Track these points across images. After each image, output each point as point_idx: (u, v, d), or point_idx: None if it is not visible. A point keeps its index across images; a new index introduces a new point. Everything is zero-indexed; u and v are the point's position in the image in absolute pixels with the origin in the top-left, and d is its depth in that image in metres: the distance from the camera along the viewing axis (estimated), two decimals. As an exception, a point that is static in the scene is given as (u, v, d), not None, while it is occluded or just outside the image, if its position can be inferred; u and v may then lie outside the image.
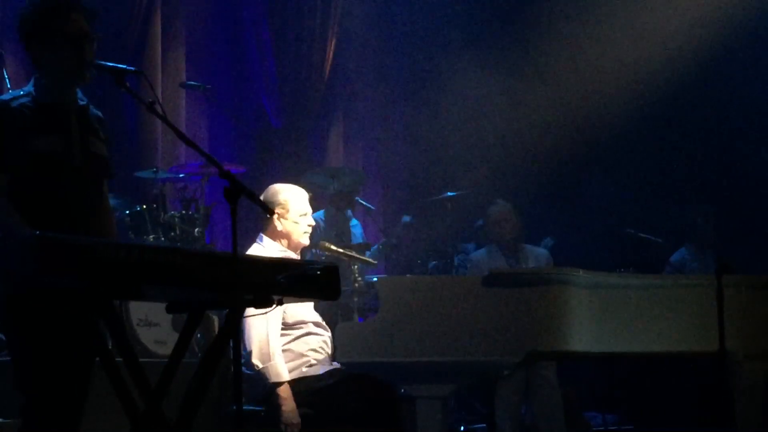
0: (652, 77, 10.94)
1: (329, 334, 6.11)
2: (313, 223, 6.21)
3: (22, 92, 4.42)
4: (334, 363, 6.00)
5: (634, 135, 11.15)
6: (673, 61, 10.80)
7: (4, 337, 4.50)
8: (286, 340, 5.86)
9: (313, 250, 7.69)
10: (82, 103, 4.50)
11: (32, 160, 4.28)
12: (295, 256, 5.99)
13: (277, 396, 5.66)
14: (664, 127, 11.12)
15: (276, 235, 6.01)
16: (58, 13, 4.36)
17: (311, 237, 6.21)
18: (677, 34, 10.82)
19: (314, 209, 7.36)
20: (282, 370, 5.69)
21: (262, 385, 5.70)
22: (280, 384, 5.68)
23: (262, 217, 6.02)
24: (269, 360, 5.67)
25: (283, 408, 5.64)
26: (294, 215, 6.01)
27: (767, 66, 10.86)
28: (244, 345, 5.64)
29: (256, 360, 5.67)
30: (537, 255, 8.20)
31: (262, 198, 5.56)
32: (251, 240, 6.11)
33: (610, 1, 11.13)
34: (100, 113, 4.61)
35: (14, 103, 4.34)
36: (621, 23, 11.12)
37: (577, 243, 9.76)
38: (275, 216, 5.93)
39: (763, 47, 10.86)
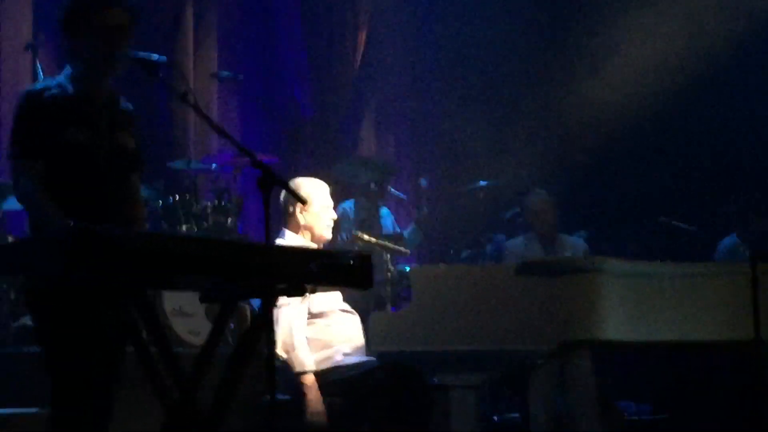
0: (689, 66, 10.87)
1: (359, 321, 6.10)
2: (335, 217, 6.20)
3: (53, 82, 4.45)
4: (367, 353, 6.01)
5: (669, 125, 11.09)
6: (711, 47, 10.72)
7: (31, 327, 4.52)
8: (313, 330, 5.86)
9: (341, 238, 7.67)
10: (113, 96, 4.52)
11: (61, 151, 4.31)
12: (319, 249, 6.00)
13: (301, 385, 5.67)
14: (697, 118, 11.05)
15: (298, 229, 6.02)
16: (100, 6, 4.38)
17: (339, 227, 6.21)
18: (713, 24, 10.75)
19: (344, 199, 7.37)
20: (306, 360, 5.70)
21: (289, 375, 5.71)
22: (304, 373, 5.68)
23: (283, 212, 6.03)
24: (293, 350, 5.69)
25: (308, 397, 5.65)
26: (317, 208, 6.02)
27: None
28: (270, 335, 5.65)
29: (280, 350, 5.69)
30: (574, 244, 8.16)
31: (285, 192, 5.56)
32: (278, 233, 6.11)
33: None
34: (131, 106, 4.63)
35: (46, 93, 4.37)
36: (663, 17, 11.06)
37: (611, 233, 9.72)
38: (298, 209, 5.94)
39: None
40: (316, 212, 6.02)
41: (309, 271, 4.22)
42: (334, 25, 11.05)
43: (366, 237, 7.25)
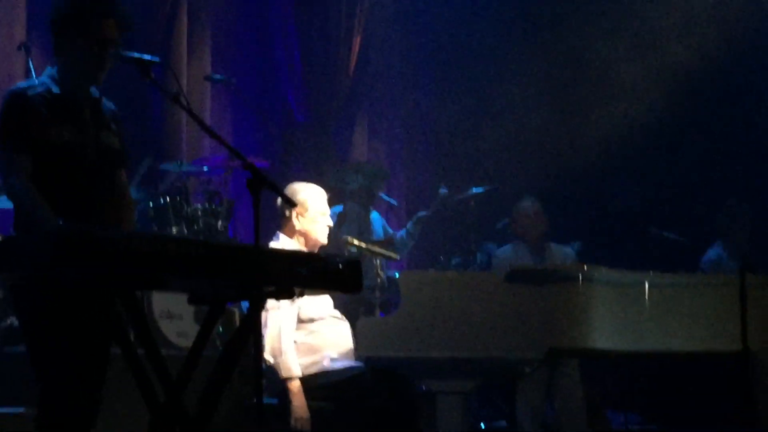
0: (681, 78, 10.89)
1: (349, 328, 6.10)
2: (332, 223, 6.21)
3: (37, 82, 4.47)
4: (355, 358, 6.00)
5: (661, 136, 11.10)
6: (700, 60, 10.74)
7: (19, 326, 4.51)
8: (303, 334, 5.86)
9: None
10: (95, 96, 4.53)
11: (47, 149, 4.32)
12: (312, 255, 5.99)
13: (287, 390, 5.67)
14: (690, 127, 11.07)
15: (293, 233, 6.02)
16: (94, 15, 4.39)
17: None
18: (702, 34, 10.77)
19: (334, 204, 7.37)
20: (292, 365, 5.70)
21: (277, 380, 5.71)
22: (291, 379, 5.68)
23: (279, 215, 6.04)
24: (280, 355, 5.69)
25: (294, 403, 5.65)
26: (313, 214, 6.03)
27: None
28: (258, 339, 5.64)
29: (267, 355, 5.68)
30: (563, 253, 8.16)
31: (281, 196, 5.56)
32: (271, 237, 6.11)
33: (634, 10, 11.10)
34: (114, 106, 4.64)
35: (30, 92, 4.39)
36: (645, 28, 11.08)
37: (603, 244, 9.73)
38: (294, 214, 5.95)
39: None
40: (312, 218, 6.03)
41: (298, 275, 4.22)
42: (329, 31, 11.05)
43: (356, 242, 7.24)
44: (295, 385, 5.69)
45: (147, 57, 4.37)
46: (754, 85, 10.96)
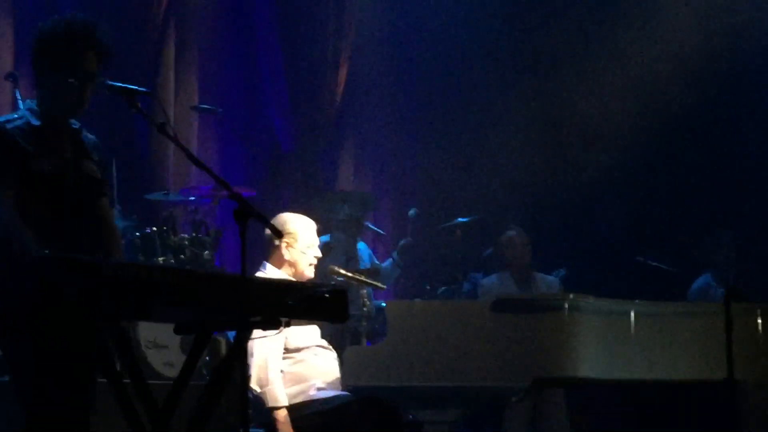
0: (665, 99, 10.92)
1: (336, 357, 6.10)
2: (320, 255, 6.21)
3: (16, 115, 4.48)
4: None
5: (645, 161, 11.13)
6: (685, 83, 10.78)
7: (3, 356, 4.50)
8: (289, 363, 5.86)
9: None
10: (74, 126, 4.53)
11: (29, 181, 4.32)
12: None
13: (274, 420, 5.66)
14: (676, 153, 11.10)
15: (281, 264, 6.02)
16: (75, 47, 4.40)
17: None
18: (690, 53, 10.81)
19: (321, 233, 7.36)
20: (279, 395, 5.69)
21: (264, 409, 5.70)
22: (278, 408, 5.68)
23: (266, 245, 6.04)
24: (267, 384, 5.68)
25: (280, 432, 5.65)
26: (302, 246, 6.04)
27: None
28: (245, 368, 5.64)
29: (254, 385, 5.67)
30: (548, 283, 8.18)
31: (271, 225, 5.56)
32: (258, 267, 6.11)
33: (625, 21, 11.13)
34: (94, 137, 4.65)
35: (9, 126, 4.39)
36: (632, 45, 11.12)
37: (589, 273, 9.74)
38: (283, 244, 5.95)
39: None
40: (300, 249, 6.03)
41: (284, 304, 4.22)
42: (315, 60, 11.08)
43: (342, 271, 7.25)
44: (282, 415, 5.68)
45: (134, 87, 4.38)
46: (738, 114, 11.00)
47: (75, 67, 4.38)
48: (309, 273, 6.08)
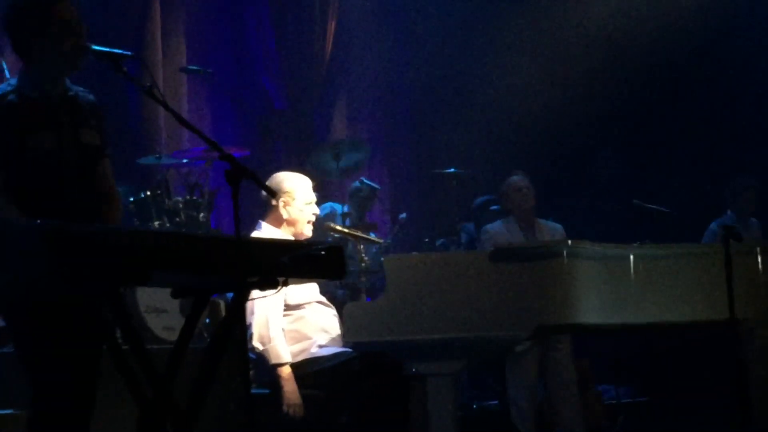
0: (664, 46, 10.88)
1: (335, 314, 6.09)
2: (317, 212, 6.18)
3: (9, 87, 4.38)
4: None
5: (645, 107, 11.11)
6: (684, 28, 10.74)
7: (6, 327, 4.48)
8: (289, 321, 5.85)
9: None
10: (71, 93, 4.46)
11: (24, 157, 4.26)
12: (297, 244, 5.97)
13: (278, 377, 5.65)
14: (674, 99, 11.08)
15: (280, 223, 5.99)
16: (44, 2, 4.31)
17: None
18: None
19: (321, 200, 7.33)
20: (282, 352, 5.68)
21: (267, 368, 5.70)
22: (281, 365, 5.67)
23: (262, 203, 6.01)
24: (269, 342, 5.67)
25: (285, 389, 5.63)
26: (300, 203, 6.00)
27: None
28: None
29: (256, 342, 5.67)
30: (552, 229, 8.13)
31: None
32: (253, 226, 6.08)
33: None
34: (92, 98, 4.56)
35: (2, 101, 4.30)
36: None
37: (588, 218, 9.73)
38: (281, 203, 5.92)
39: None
40: (299, 207, 6.00)
41: (281, 264, 4.20)
42: (303, 15, 11.02)
43: (338, 227, 7.23)
44: (286, 371, 5.68)
45: (119, 51, 4.32)
46: (741, 57, 10.95)
47: (53, 19, 4.29)
48: (307, 231, 6.05)
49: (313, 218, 6.09)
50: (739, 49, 10.92)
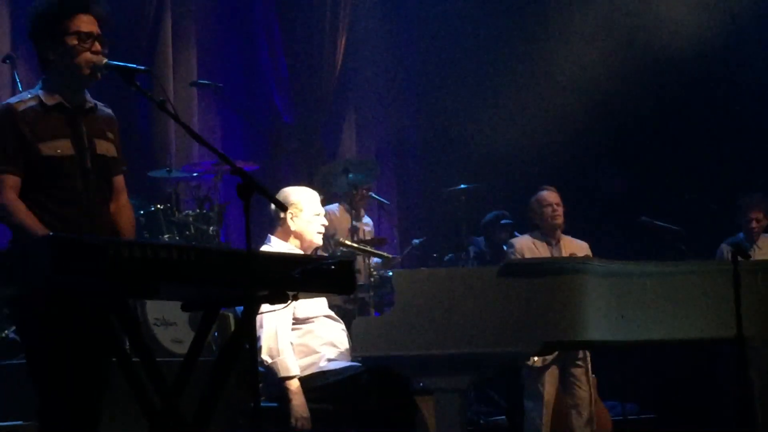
0: (667, 63, 10.90)
1: (344, 328, 6.11)
2: (326, 223, 6.20)
3: (29, 95, 4.43)
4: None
5: (649, 124, 11.11)
6: (689, 46, 10.75)
7: (18, 339, 4.51)
8: (298, 335, 5.86)
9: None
10: (89, 105, 4.50)
11: (41, 164, 4.30)
12: (306, 257, 5.99)
13: (286, 390, 5.66)
14: (679, 115, 11.08)
15: (288, 235, 6.01)
16: (68, 12, 4.36)
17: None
18: (695, 18, 10.78)
19: (325, 205, 7.36)
20: (291, 365, 5.69)
21: (275, 381, 5.71)
22: (289, 378, 5.68)
23: (270, 218, 6.03)
24: (278, 355, 5.68)
25: (293, 402, 5.64)
26: (308, 215, 6.02)
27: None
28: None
29: (265, 356, 5.68)
30: (578, 246, 8.12)
31: (274, 200, 5.56)
32: (263, 240, 6.10)
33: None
34: (110, 111, 4.61)
35: (22, 107, 4.35)
36: (635, 8, 11.09)
37: (595, 234, 9.73)
38: (289, 216, 5.94)
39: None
40: (306, 219, 6.02)
41: (291, 278, 4.21)
42: (313, 31, 11.05)
43: (348, 242, 7.25)
44: (294, 384, 5.68)
45: (132, 66, 4.35)
46: (747, 77, 10.96)
47: (73, 30, 4.34)
48: (317, 240, 6.07)
49: (322, 230, 6.12)
50: (745, 64, 10.93)
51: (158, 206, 7.93)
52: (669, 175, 11.00)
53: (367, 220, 9.67)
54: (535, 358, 7.56)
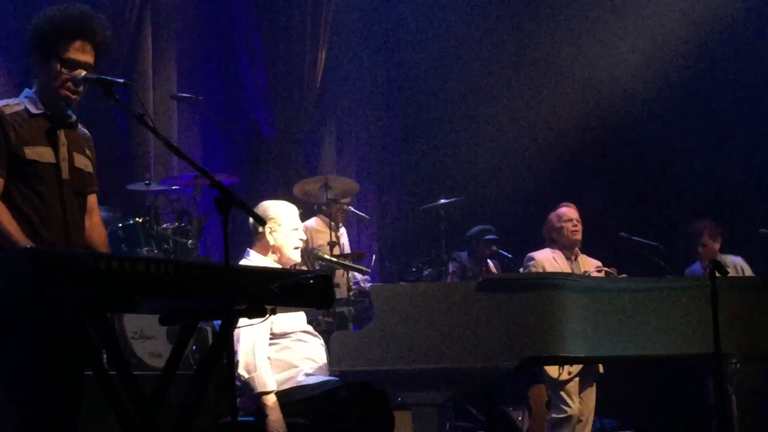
0: (650, 80, 10.95)
1: (322, 343, 6.10)
2: (305, 238, 6.19)
3: (15, 101, 4.48)
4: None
5: (630, 140, 11.16)
6: (670, 64, 10.81)
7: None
8: (276, 350, 5.85)
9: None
10: (71, 120, 4.53)
11: (24, 167, 4.34)
12: (284, 271, 5.97)
13: (263, 405, 5.65)
14: (659, 132, 11.13)
15: (266, 250, 6.00)
16: (60, 37, 4.39)
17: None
18: (676, 36, 10.84)
19: (304, 218, 7.37)
20: (267, 380, 5.68)
21: (252, 396, 5.69)
22: (266, 393, 5.66)
23: (249, 231, 6.03)
24: (255, 370, 5.66)
25: (270, 417, 5.62)
26: (286, 229, 6.00)
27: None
28: (232, 356, 5.62)
29: (242, 371, 5.65)
30: (592, 264, 8.12)
31: (252, 214, 5.55)
32: (242, 254, 6.09)
33: (605, 6, 11.16)
34: (87, 132, 4.67)
35: (8, 111, 4.41)
36: (617, 29, 11.14)
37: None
38: (267, 230, 5.93)
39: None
40: (285, 233, 6.01)
41: (269, 292, 4.21)
42: (294, 44, 11.06)
43: (327, 256, 7.24)
44: (271, 400, 5.66)
45: (112, 78, 4.36)
46: (728, 87, 11.03)
47: (62, 56, 4.38)
48: (295, 257, 6.06)
49: (300, 244, 6.10)
50: (727, 86, 11.00)
51: (137, 219, 7.91)
52: (648, 192, 11.04)
53: (342, 230, 9.67)
54: (561, 371, 7.58)
